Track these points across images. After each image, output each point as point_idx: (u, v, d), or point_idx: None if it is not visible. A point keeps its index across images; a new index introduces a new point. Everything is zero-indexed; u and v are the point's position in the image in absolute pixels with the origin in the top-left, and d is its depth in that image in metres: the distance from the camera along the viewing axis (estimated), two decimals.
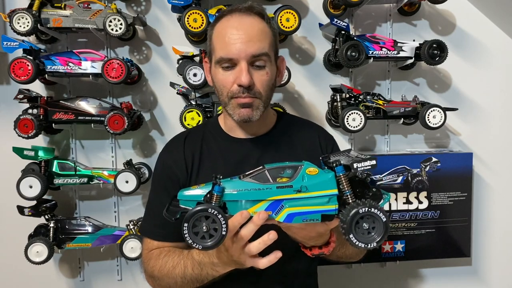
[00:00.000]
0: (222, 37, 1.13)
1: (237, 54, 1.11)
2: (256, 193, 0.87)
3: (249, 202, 0.87)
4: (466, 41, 2.03)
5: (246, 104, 1.14)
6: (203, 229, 0.83)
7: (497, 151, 2.09)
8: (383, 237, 0.83)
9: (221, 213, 0.83)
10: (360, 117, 1.75)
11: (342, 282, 2.06)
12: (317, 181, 0.87)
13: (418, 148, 2.04)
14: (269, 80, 1.17)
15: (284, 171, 0.89)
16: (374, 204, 0.83)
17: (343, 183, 0.87)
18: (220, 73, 1.16)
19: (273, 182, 0.88)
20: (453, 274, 2.12)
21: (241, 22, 1.14)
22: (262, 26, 1.15)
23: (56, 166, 1.74)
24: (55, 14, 1.68)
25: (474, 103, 2.06)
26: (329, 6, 1.89)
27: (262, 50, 1.13)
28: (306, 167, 0.89)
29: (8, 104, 1.81)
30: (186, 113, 1.71)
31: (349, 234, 0.83)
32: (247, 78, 1.10)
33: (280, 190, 0.87)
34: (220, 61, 1.14)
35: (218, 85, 1.18)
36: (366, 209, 0.82)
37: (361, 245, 0.83)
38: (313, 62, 1.97)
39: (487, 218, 2.10)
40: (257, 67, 1.14)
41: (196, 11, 1.66)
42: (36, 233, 1.76)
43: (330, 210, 0.87)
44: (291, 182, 0.87)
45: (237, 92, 1.13)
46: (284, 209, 0.87)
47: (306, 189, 0.86)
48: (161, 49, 1.90)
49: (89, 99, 1.74)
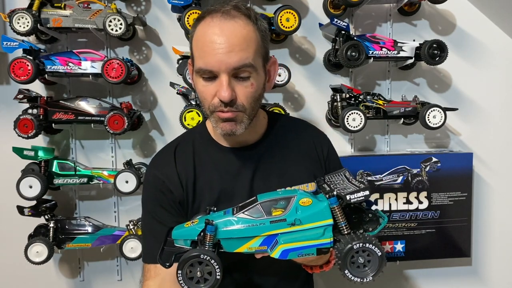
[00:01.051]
0: (202, 45, 1.01)
1: (217, 67, 0.98)
2: (250, 230, 0.86)
3: (243, 238, 0.86)
4: (466, 41, 2.03)
5: (228, 119, 1.04)
6: (197, 274, 0.83)
7: (497, 151, 2.09)
8: (378, 271, 0.83)
9: (214, 258, 0.82)
10: (360, 117, 1.75)
11: (342, 282, 2.06)
12: (310, 213, 0.85)
13: (418, 148, 2.04)
14: (254, 92, 1.05)
15: (277, 203, 0.87)
16: (368, 239, 0.82)
17: (338, 214, 0.86)
18: (201, 84, 1.04)
19: (266, 216, 0.86)
20: (453, 274, 2.12)
21: (222, 28, 1.00)
22: (246, 31, 1.01)
23: (56, 166, 1.74)
24: (55, 14, 1.68)
25: (474, 103, 2.06)
26: (329, 6, 1.89)
27: (245, 60, 1.00)
28: (299, 198, 0.87)
29: (8, 104, 1.81)
30: (186, 113, 1.71)
31: (344, 270, 0.83)
32: (228, 93, 0.99)
33: (274, 224, 0.85)
34: (199, 71, 1.02)
35: (199, 96, 1.08)
36: (360, 244, 0.81)
37: (357, 279, 0.83)
38: (313, 62, 1.97)
39: (487, 218, 2.10)
40: (240, 78, 1.02)
41: (196, 11, 1.66)
42: (36, 233, 1.76)
43: (325, 244, 0.86)
44: (285, 215, 0.86)
45: (218, 105, 1.02)
46: (278, 245, 0.86)
47: (300, 222, 0.85)
48: (161, 49, 1.90)
49: (89, 99, 1.74)
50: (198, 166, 1.15)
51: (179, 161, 1.16)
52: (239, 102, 1.02)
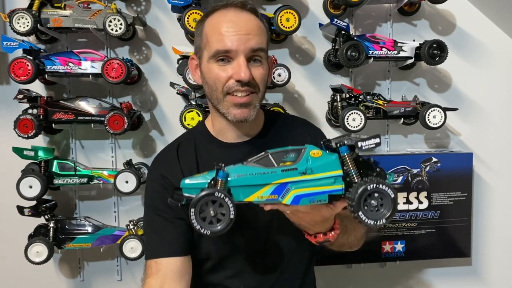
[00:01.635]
0: (219, 30, 1.07)
1: (236, 47, 1.05)
2: (261, 177, 0.86)
3: (254, 186, 0.86)
4: (466, 41, 2.03)
5: (243, 104, 1.09)
6: (210, 213, 0.82)
7: (497, 151, 2.09)
8: (392, 213, 0.82)
9: (228, 197, 0.82)
10: (360, 117, 1.75)
11: (342, 282, 2.06)
12: (321, 163, 0.87)
13: (418, 148, 2.04)
14: (265, 75, 1.13)
15: (287, 155, 0.88)
16: (381, 181, 0.82)
17: (348, 163, 0.86)
18: (215, 68, 1.08)
19: (277, 166, 0.87)
20: (453, 274, 2.12)
21: (239, 16, 1.09)
22: (257, 21, 1.12)
23: (56, 166, 1.74)
24: (55, 14, 1.68)
25: (474, 103, 2.06)
26: (329, 6, 1.89)
27: (261, 44, 1.09)
28: (310, 149, 0.88)
29: (8, 104, 1.81)
30: (186, 113, 1.71)
31: (357, 211, 0.82)
32: (247, 73, 1.05)
33: (285, 173, 0.86)
34: (216, 54, 1.07)
35: (212, 81, 1.10)
36: (374, 185, 0.81)
37: (370, 222, 0.82)
38: (313, 62, 1.97)
39: (487, 218, 2.10)
40: (254, 61, 1.09)
41: (196, 11, 1.66)
42: (36, 233, 1.76)
43: (337, 190, 0.87)
44: (296, 165, 0.86)
45: (233, 86, 1.07)
46: (290, 191, 0.86)
47: (311, 171, 0.86)
48: (161, 49, 1.90)
49: (89, 99, 1.74)
50: (201, 162, 1.18)
51: (182, 159, 1.19)
52: (254, 83, 1.09)
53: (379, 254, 1.93)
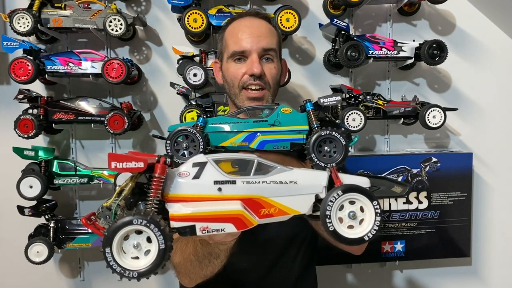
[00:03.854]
0: (236, 34, 1.26)
1: (249, 47, 1.22)
2: (234, 126, 0.96)
3: (228, 133, 0.96)
4: (466, 41, 2.03)
5: (256, 98, 1.22)
6: (183, 146, 0.91)
7: (497, 151, 2.09)
8: (343, 158, 0.88)
9: (199, 134, 0.91)
10: (360, 117, 1.75)
11: (342, 282, 2.07)
12: (289, 118, 0.96)
13: (418, 148, 2.04)
14: (276, 74, 1.27)
15: (262, 111, 0.98)
16: (335, 129, 0.89)
17: (312, 118, 0.94)
18: (232, 66, 1.26)
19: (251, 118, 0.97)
20: (453, 274, 2.12)
21: (252, 22, 1.28)
22: (270, 27, 1.30)
23: (56, 166, 1.74)
24: (55, 14, 1.68)
25: (474, 103, 2.06)
26: (329, 6, 1.89)
27: (271, 45, 1.25)
28: (281, 106, 0.98)
29: (8, 104, 1.81)
30: (186, 113, 1.71)
31: (310, 154, 0.88)
32: (259, 67, 1.21)
33: (256, 123, 0.95)
34: (233, 55, 1.25)
35: (230, 78, 1.27)
36: (327, 132, 0.89)
37: (322, 164, 0.88)
38: (313, 62, 1.97)
39: (487, 218, 2.10)
40: (266, 60, 1.25)
41: (196, 11, 1.66)
42: (36, 233, 1.76)
43: (298, 139, 0.95)
44: (267, 118, 0.96)
45: (247, 80, 1.22)
46: (257, 137, 0.95)
47: (279, 123, 0.95)
48: (161, 49, 1.90)
49: (89, 99, 1.74)
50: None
51: None
52: (266, 79, 1.24)
53: (379, 254, 1.94)
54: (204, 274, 1.14)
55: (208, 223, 0.79)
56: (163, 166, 0.77)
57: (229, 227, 0.80)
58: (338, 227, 0.80)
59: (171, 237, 0.75)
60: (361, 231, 0.81)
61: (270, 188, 0.84)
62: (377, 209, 0.81)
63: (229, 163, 0.85)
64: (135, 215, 0.73)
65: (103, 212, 0.79)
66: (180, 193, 0.81)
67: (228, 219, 0.80)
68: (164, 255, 0.74)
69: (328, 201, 0.79)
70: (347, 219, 0.81)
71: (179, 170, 0.82)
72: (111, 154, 0.74)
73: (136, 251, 0.75)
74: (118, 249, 0.74)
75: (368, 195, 0.81)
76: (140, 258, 0.75)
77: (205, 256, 1.09)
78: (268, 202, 0.83)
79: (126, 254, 0.75)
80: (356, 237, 0.81)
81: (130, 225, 0.73)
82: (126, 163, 0.74)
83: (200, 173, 0.82)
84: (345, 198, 0.81)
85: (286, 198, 0.84)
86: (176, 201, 0.80)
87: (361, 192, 0.81)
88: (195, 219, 0.79)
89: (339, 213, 0.81)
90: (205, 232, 0.79)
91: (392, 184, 0.96)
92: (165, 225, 0.74)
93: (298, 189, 0.84)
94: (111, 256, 0.73)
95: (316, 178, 0.86)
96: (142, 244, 0.75)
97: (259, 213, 0.83)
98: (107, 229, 0.73)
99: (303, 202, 0.84)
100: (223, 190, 0.82)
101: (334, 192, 0.80)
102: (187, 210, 0.79)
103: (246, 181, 0.83)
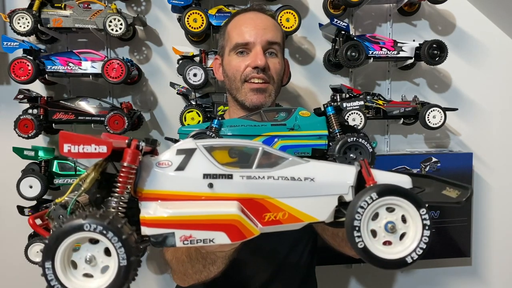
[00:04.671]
0: (239, 27, 1.22)
1: (253, 39, 1.19)
2: (251, 129, 0.91)
3: (245, 137, 0.91)
4: (466, 41, 2.03)
5: (259, 90, 1.19)
6: None
7: (497, 151, 2.09)
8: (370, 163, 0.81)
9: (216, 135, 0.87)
10: (360, 117, 1.74)
11: (342, 282, 2.06)
12: (309, 122, 0.92)
13: (418, 148, 2.04)
14: (280, 70, 1.23)
15: (278, 114, 0.94)
16: (362, 136, 0.86)
17: (333, 123, 0.92)
18: (234, 59, 1.22)
19: (268, 121, 0.92)
20: (453, 274, 2.12)
21: (257, 15, 1.25)
22: (275, 22, 1.28)
23: (56, 166, 1.74)
24: (55, 14, 1.68)
25: (474, 103, 2.06)
26: (329, 6, 1.89)
27: (276, 39, 1.22)
28: (299, 109, 0.94)
29: (8, 104, 1.81)
30: (186, 113, 1.71)
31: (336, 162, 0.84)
32: (263, 60, 1.17)
33: (275, 127, 0.91)
34: (236, 47, 1.21)
35: (231, 72, 1.22)
36: (354, 139, 0.84)
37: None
38: (313, 62, 1.97)
39: (487, 218, 2.10)
40: (270, 54, 1.21)
41: (196, 11, 1.66)
42: (36, 233, 1.76)
43: (320, 145, 0.91)
44: (285, 121, 0.92)
45: (250, 73, 1.18)
46: (277, 142, 0.91)
47: (298, 127, 0.91)
48: (161, 49, 1.90)
49: (89, 99, 1.74)
50: None
51: None
52: (270, 72, 1.20)
53: None
54: (198, 278, 1.06)
55: (192, 231, 0.59)
56: (134, 152, 0.58)
57: (221, 236, 0.60)
58: (370, 243, 0.61)
59: (137, 250, 0.56)
60: (402, 249, 0.62)
61: (279, 185, 0.64)
62: (425, 220, 0.61)
63: (226, 152, 0.66)
64: (88, 218, 0.54)
65: (56, 211, 0.61)
66: (158, 189, 0.61)
67: (220, 226, 0.60)
68: (126, 275, 0.55)
69: (358, 206, 0.60)
70: (383, 233, 0.62)
71: (159, 158, 0.63)
72: (63, 133, 0.55)
73: (89, 267, 0.57)
74: (64, 263, 0.57)
75: (413, 200, 0.61)
76: (94, 277, 0.57)
77: (198, 260, 1.00)
78: (275, 204, 0.64)
79: (77, 270, 0.57)
80: (394, 258, 0.62)
81: (80, 231, 0.54)
82: (83, 146, 0.55)
83: (186, 163, 0.62)
84: (381, 203, 0.61)
85: (300, 200, 0.64)
86: (153, 199, 0.61)
87: (404, 195, 0.61)
88: (174, 224, 0.59)
89: (372, 224, 0.62)
90: (188, 243, 0.59)
91: (443, 185, 0.74)
92: (130, 233, 0.55)
93: (316, 188, 0.65)
94: (52, 273, 0.56)
95: (341, 174, 0.66)
96: (97, 257, 0.56)
97: (262, 218, 0.63)
98: (49, 235, 0.56)
99: (322, 206, 0.65)
100: (215, 186, 0.62)
101: (366, 194, 0.60)
102: (164, 213, 0.59)
103: (246, 176, 0.63)
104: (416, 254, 0.62)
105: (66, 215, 0.60)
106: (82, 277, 0.56)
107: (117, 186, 0.59)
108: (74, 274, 0.56)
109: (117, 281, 0.55)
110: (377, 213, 0.62)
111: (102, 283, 0.55)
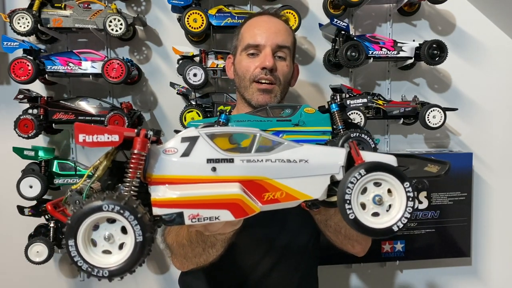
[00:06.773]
0: (252, 29, 1.29)
1: (264, 42, 1.25)
2: (257, 124, 0.93)
3: None
4: (466, 41, 2.03)
5: (266, 90, 1.24)
6: None
7: (497, 151, 2.09)
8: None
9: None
10: (360, 117, 1.75)
11: (342, 282, 2.07)
12: (313, 118, 0.95)
13: (418, 148, 2.04)
14: (288, 73, 1.28)
15: (284, 110, 0.96)
16: (364, 131, 0.88)
17: (337, 119, 0.94)
18: (245, 59, 1.28)
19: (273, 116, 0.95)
20: (453, 274, 2.12)
21: (270, 19, 1.32)
22: (287, 27, 1.34)
23: (56, 166, 1.74)
24: (55, 14, 1.68)
25: (474, 103, 2.06)
26: (329, 6, 1.89)
27: (286, 43, 1.27)
28: (304, 106, 0.96)
29: (8, 104, 1.81)
30: (186, 113, 1.71)
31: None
32: (271, 61, 1.22)
33: (280, 122, 0.94)
34: (247, 47, 1.27)
35: (241, 71, 1.28)
36: (357, 134, 0.87)
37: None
38: (313, 62, 1.97)
39: (487, 218, 2.10)
40: (279, 57, 1.26)
41: (196, 11, 1.66)
42: (36, 233, 1.76)
43: (324, 140, 0.93)
44: (290, 117, 0.95)
45: (259, 74, 1.24)
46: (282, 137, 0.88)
47: (303, 123, 0.94)
48: (161, 49, 1.90)
49: (89, 99, 1.74)
50: None
51: None
52: (277, 74, 1.25)
53: (379, 254, 1.94)
54: (197, 262, 1.10)
55: (199, 210, 0.66)
56: (143, 141, 0.64)
57: (225, 214, 0.67)
58: (360, 214, 0.67)
59: (151, 227, 0.62)
60: (388, 219, 0.68)
61: (276, 167, 0.70)
62: (409, 192, 0.67)
63: (226, 138, 0.72)
64: (106, 199, 0.60)
65: (73, 197, 0.66)
66: (166, 174, 0.68)
67: (224, 204, 0.67)
68: (142, 250, 0.61)
69: (348, 182, 0.66)
70: (371, 205, 0.68)
71: (165, 146, 0.69)
72: (78, 125, 0.61)
73: (108, 244, 0.62)
74: (85, 241, 0.62)
75: (398, 174, 0.67)
76: (113, 253, 0.63)
77: (198, 244, 1.04)
78: (273, 184, 0.70)
79: (96, 247, 0.63)
80: (382, 227, 0.68)
81: (99, 211, 0.60)
82: (97, 136, 0.61)
83: (190, 150, 0.68)
84: (369, 178, 0.67)
85: (295, 180, 0.71)
86: (161, 183, 0.67)
87: (389, 170, 0.67)
88: (182, 204, 0.66)
89: (362, 198, 0.68)
90: (195, 221, 0.66)
91: (425, 163, 0.81)
92: (144, 213, 0.62)
93: (310, 169, 0.71)
94: (75, 250, 0.60)
95: (332, 155, 0.72)
96: (115, 235, 0.62)
97: (262, 197, 0.70)
98: (71, 216, 0.61)
99: (316, 185, 0.71)
100: (218, 170, 0.68)
101: (355, 171, 0.66)
102: (173, 194, 0.66)
103: (246, 160, 0.69)
104: (402, 223, 0.68)
105: (82, 200, 0.65)
106: (102, 253, 0.62)
107: (129, 172, 0.65)
108: (94, 251, 0.62)
109: (134, 256, 0.61)
110: (365, 187, 0.68)
111: (120, 258, 0.62)
